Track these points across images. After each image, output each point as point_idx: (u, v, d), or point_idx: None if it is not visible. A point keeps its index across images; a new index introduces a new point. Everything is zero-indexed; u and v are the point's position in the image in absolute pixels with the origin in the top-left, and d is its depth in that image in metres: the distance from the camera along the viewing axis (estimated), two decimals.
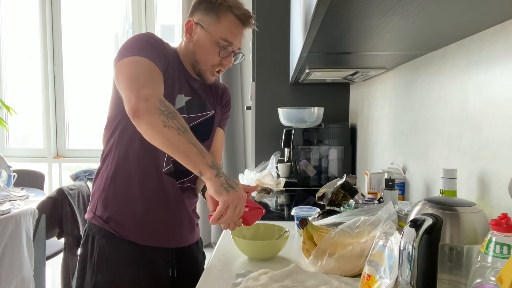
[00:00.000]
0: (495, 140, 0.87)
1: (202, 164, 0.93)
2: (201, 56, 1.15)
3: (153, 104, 0.92)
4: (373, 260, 0.84)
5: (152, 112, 0.91)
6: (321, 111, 2.13)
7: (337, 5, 0.71)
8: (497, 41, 0.87)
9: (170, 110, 0.94)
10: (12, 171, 2.47)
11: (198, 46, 1.15)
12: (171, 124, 0.91)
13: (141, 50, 1.03)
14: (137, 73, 0.98)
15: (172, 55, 1.14)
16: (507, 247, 0.59)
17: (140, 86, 0.94)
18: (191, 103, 1.18)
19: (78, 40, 3.74)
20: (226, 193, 0.92)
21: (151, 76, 1.00)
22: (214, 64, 1.16)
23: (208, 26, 1.13)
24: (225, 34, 1.13)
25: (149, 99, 0.92)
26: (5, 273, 1.98)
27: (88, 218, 1.16)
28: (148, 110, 0.92)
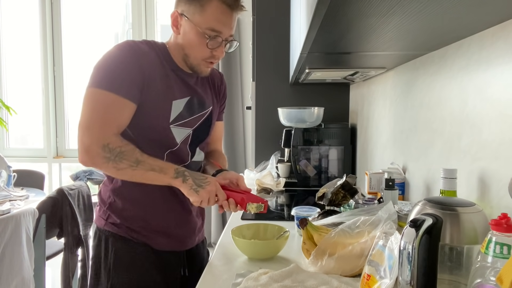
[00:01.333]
0: (495, 140, 0.87)
1: (167, 180, 1.01)
2: (190, 50, 1.08)
3: (95, 154, 0.97)
4: (373, 260, 0.84)
5: (99, 162, 0.98)
6: (321, 111, 2.13)
7: (337, 5, 0.71)
8: (497, 41, 0.87)
9: (116, 153, 0.97)
10: (12, 171, 2.47)
11: (186, 40, 1.07)
12: (122, 166, 0.98)
13: (104, 79, 1.00)
14: (87, 115, 0.99)
15: (155, 60, 1.07)
16: (507, 247, 0.59)
17: (83, 134, 0.98)
18: (191, 103, 1.14)
19: (78, 40, 3.74)
20: (195, 194, 1.01)
21: (104, 114, 0.99)
22: (205, 57, 1.09)
23: (192, 16, 1.05)
24: (212, 23, 1.04)
25: (89, 150, 0.97)
26: (5, 273, 1.98)
27: (100, 224, 1.13)
28: (93, 161, 0.98)
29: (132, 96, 1.01)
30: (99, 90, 0.99)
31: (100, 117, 0.99)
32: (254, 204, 1.06)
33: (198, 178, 1.03)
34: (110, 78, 1.00)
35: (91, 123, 0.99)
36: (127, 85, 1.01)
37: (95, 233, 1.15)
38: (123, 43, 1.05)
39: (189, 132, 1.14)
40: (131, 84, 1.01)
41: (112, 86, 0.99)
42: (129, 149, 0.99)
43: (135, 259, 1.10)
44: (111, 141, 0.98)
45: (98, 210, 1.17)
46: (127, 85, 1.01)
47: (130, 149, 0.99)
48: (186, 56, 1.10)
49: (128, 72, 1.01)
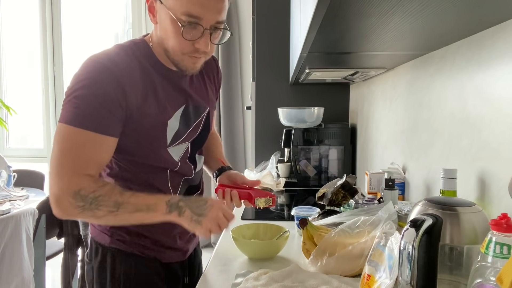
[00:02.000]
0: (495, 140, 0.87)
1: (159, 217, 0.87)
2: (168, 42, 0.89)
3: (67, 204, 0.83)
4: (373, 260, 0.84)
5: (73, 213, 0.84)
6: (321, 111, 2.13)
7: (337, 5, 0.71)
8: (497, 41, 0.87)
9: (90, 200, 0.82)
10: (12, 171, 2.47)
11: (162, 29, 0.88)
12: (100, 213, 0.83)
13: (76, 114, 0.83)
14: (56, 159, 0.84)
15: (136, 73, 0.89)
16: (507, 247, 0.59)
17: (52, 183, 0.84)
18: (186, 113, 0.99)
19: (78, 40, 3.74)
20: (198, 225, 0.87)
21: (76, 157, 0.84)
22: (187, 51, 0.88)
23: (166, 1, 0.85)
24: (187, 6, 0.82)
25: (59, 201, 0.83)
26: (5, 273, 1.98)
27: (104, 241, 1.02)
28: (67, 213, 0.84)
29: (112, 131, 0.86)
30: (71, 127, 0.83)
31: (71, 160, 0.84)
32: (262, 199, 1.05)
33: (196, 205, 0.88)
34: (84, 112, 0.83)
35: (60, 169, 0.83)
36: (106, 120, 0.84)
37: (96, 250, 1.03)
38: (95, 63, 0.85)
39: (187, 145, 1.03)
40: (111, 118, 0.85)
41: (87, 122, 0.83)
42: (105, 192, 0.84)
43: (146, 275, 1.03)
44: (83, 187, 0.83)
45: (96, 225, 1.05)
46: (106, 120, 0.84)
47: (106, 191, 0.84)
48: (166, 50, 0.91)
49: (105, 103, 0.84)
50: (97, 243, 1.04)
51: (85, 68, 0.86)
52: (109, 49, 0.91)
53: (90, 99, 0.83)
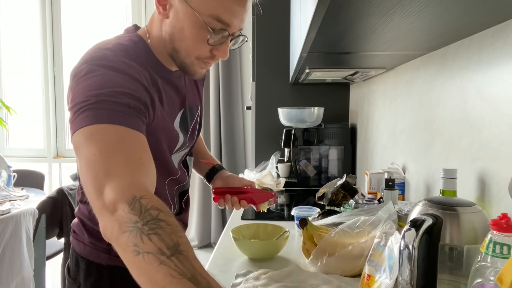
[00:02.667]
0: (495, 140, 0.87)
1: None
2: (182, 44, 0.79)
3: (121, 215, 0.57)
4: (373, 260, 0.84)
5: (122, 231, 0.56)
6: (321, 111, 2.14)
7: (337, 5, 0.71)
8: (497, 41, 0.87)
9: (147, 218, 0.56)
10: (12, 171, 2.47)
11: (177, 28, 0.78)
12: (145, 247, 0.53)
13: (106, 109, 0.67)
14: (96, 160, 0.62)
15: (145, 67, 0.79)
16: (507, 247, 0.59)
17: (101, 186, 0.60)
18: (184, 118, 0.91)
19: (78, 40, 3.74)
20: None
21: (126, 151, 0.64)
22: (203, 56, 0.81)
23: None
24: (219, 11, 0.75)
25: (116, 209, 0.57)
26: (5, 273, 1.98)
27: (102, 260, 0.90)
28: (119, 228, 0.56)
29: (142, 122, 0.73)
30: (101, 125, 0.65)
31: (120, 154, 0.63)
32: (265, 203, 1.07)
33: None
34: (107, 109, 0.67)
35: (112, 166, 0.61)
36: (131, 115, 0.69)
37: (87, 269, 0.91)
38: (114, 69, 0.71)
39: (186, 151, 0.98)
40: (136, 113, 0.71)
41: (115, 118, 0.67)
42: (172, 221, 0.57)
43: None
44: (147, 194, 0.59)
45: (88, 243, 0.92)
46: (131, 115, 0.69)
47: (173, 221, 0.57)
48: (174, 50, 0.81)
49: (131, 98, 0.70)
50: (90, 262, 0.91)
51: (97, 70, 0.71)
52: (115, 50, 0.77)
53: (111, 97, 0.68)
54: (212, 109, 3.45)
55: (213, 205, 3.53)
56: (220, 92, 3.43)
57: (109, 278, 0.91)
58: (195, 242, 3.55)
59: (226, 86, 3.41)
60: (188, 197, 1.07)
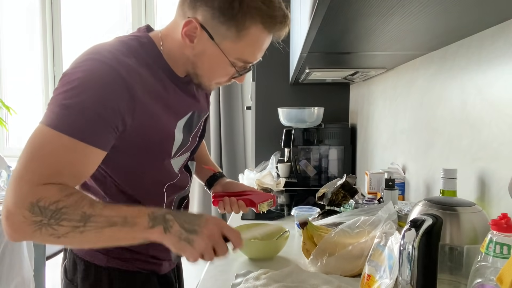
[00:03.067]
0: (495, 140, 0.87)
1: (138, 233, 0.68)
2: (205, 72, 0.84)
3: (20, 220, 0.63)
4: (373, 260, 0.84)
5: (27, 232, 0.64)
6: (321, 111, 2.13)
7: (337, 5, 0.71)
8: (497, 41, 0.87)
9: (50, 212, 0.64)
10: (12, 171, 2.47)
11: (202, 61, 0.82)
12: (62, 230, 0.64)
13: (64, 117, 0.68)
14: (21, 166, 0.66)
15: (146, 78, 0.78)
16: (507, 247, 0.59)
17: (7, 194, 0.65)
18: (190, 122, 0.91)
19: (78, 40, 3.74)
20: (189, 246, 0.70)
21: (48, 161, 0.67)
22: (221, 82, 0.88)
23: (221, 40, 0.78)
24: (246, 55, 0.81)
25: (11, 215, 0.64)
26: (5, 273, 1.98)
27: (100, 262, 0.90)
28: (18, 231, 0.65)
29: (104, 144, 0.72)
30: (53, 131, 0.68)
31: (39, 166, 0.66)
32: (265, 203, 1.07)
33: (187, 219, 0.72)
34: (76, 117, 0.68)
35: (22, 176, 0.65)
36: (100, 130, 0.70)
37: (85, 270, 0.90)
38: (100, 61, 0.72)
39: (187, 155, 0.96)
40: (106, 128, 0.71)
41: (76, 129, 0.68)
42: (71, 202, 0.66)
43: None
44: (44, 196, 0.64)
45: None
46: (100, 130, 0.70)
47: (72, 201, 0.66)
48: (195, 75, 0.85)
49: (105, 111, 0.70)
50: (87, 263, 0.90)
51: (84, 66, 0.72)
52: (112, 45, 0.78)
53: (86, 102, 0.69)
54: (212, 109, 3.45)
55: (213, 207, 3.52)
56: (220, 92, 3.43)
57: (107, 280, 0.90)
58: None
59: (226, 86, 3.41)
60: (188, 202, 1.06)
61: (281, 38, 0.85)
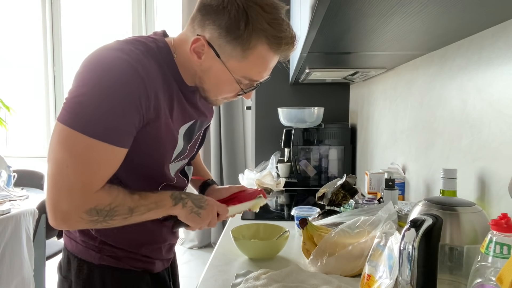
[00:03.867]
0: (495, 140, 0.87)
1: (166, 211, 0.86)
2: (212, 87, 0.87)
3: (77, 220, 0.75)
4: (373, 260, 0.84)
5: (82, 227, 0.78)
6: (321, 111, 2.14)
7: (337, 5, 0.71)
8: (497, 41, 0.87)
9: (105, 213, 0.77)
10: (12, 171, 2.47)
11: (209, 77, 0.85)
12: (113, 222, 0.79)
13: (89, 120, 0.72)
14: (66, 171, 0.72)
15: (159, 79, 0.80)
16: (507, 247, 0.59)
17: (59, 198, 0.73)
18: (191, 129, 0.93)
19: (78, 41, 3.74)
20: (197, 217, 0.90)
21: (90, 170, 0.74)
22: (228, 97, 0.91)
23: (227, 59, 0.80)
24: (251, 73, 0.83)
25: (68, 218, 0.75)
26: (5, 273, 1.98)
27: (93, 259, 0.92)
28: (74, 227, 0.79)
29: (127, 143, 0.78)
30: (81, 135, 0.71)
31: (86, 176, 0.74)
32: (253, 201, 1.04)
33: (196, 198, 0.91)
34: (101, 119, 0.72)
35: (73, 184, 0.73)
36: (124, 131, 0.75)
37: (79, 267, 0.92)
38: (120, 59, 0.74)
39: (184, 162, 0.99)
40: (129, 128, 0.76)
41: (104, 132, 0.73)
42: (120, 201, 0.78)
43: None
44: (99, 202, 0.76)
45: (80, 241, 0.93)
46: (124, 131, 0.75)
47: (120, 200, 0.78)
48: (203, 89, 0.88)
49: (127, 111, 0.74)
50: (81, 260, 0.93)
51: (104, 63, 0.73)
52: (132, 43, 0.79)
53: (109, 103, 0.72)
54: None
55: None
56: None
57: (99, 277, 0.92)
58: (195, 242, 3.55)
59: None
60: None
61: (287, 58, 0.87)
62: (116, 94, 0.72)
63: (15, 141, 3.88)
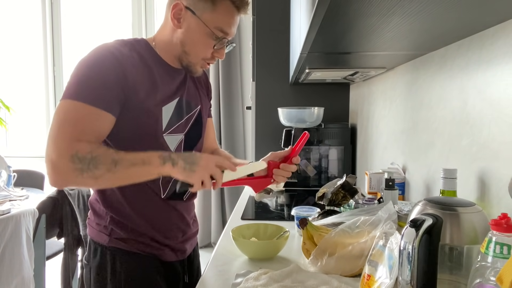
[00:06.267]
0: (495, 140, 0.87)
1: (154, 170, 0.89)
2: (192, 48, 1.01)
3: (65, 169, 0.85)
4: (373, 260, 0.84)
5: (71, 177, 0.85)
6: (321, 111, 2.14)
7: (337, 5, 0.71)
8: (497, 41, 0.87)
9: (88, 160, 0.85)
10: (12, 171, 2.47)
11: (189, 36, 0.99)
12: (98, 172, 0.85)
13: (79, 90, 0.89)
14: (55, 127, 0.88)
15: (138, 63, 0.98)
16: (507, 247, 0.59)
17: (48, 148, 0.86)
18: (179, 105, 1.06)
19: (78, 40, 3.74)
20: (192, 173, 0.90)
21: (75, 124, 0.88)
22: (206, 58, 1.03)
23: (201, 13, 0.97)
24: (222, 24, 0.98)
25: (57, 166, 0.85)
26: (5, 273, 1.98)
27: (103, 241, 1.03)
28: (65, 178, 0.86)
29: (111, 108, 0.92)
30: (72, 101, 0.89)
31: (69, 128, 0.88)
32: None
33: (187, 157, 0.92)
34: (86, 88, 0.90)
35: (59, 134, 0.87)
36: (105, 96, 0.91)
37: (94, 251, 1.04)
38: (101, 49, 0.95)
39: (181, 137, 1.07)
40: (110, 95, 0.92)
41: (88, 97, 0.89)
42: (102, 151, 0.88)
43: (147, 274, 1.04)
44: (80, 149, 0.85)
45: (94, 225, 1.06)
46: (105, 96, 0.91)
47: (102, 151, 0.88)
48: (185, 53, 1.02)
49: (107, 82, 0.91)
50: (96, 243, 1.04)
51: (89, 54, 0.94)
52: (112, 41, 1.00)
53: (92, 77, 0.90)
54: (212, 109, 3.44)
55: (213, 205, 3.53)
56: (220, 92, 3.43)
57: (110, 259, 1.02)
58: None
59: (226, 86, 3.41)
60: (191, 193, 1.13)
61: (246, 14, 1.03)
62: (97, 70, 0.91)
63: (15, 141, 3.88)
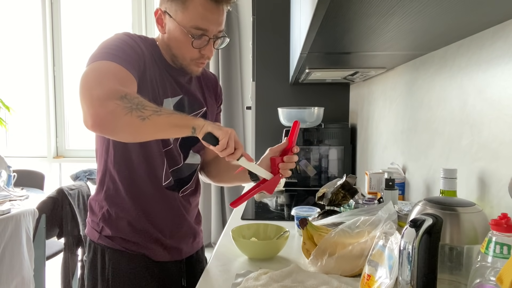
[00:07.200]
0: (495, 140, 0.87)
1: (190, 121, 0.87)
2: (177, 50, 1.03)
3: (114, 105, 0.81)
4: (373, 260, 0.84)
5: (121, 114, 0.81)
6: (321, 111, 2.13)
7: (337, 5, 0.71)
8: (497, 41, 0.87)
9: (136, 102, 0.83)
10: (12, 171, 2.47)
11: (171, 39, 1.02)
12: (147, 113, 0.83)
13: (108, 54, 0.91)
14: (93, 77, 0.87)
15: (150, 53, 1.02)
16: (507, 247, 0.59)
17: (92, 89, 0.83)
18: (180, 103, 1.08)
19: (78, 40, 3.74)
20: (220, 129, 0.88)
21: (112, 77, 0.87)
22: (194, 58, 1.03)
23: (175, 14, 0.98)
24: (196, 21, 0.97)
25: (105, 102, 0.81)
26: (5, 273, 1.98)
27: (93, 237, 1.07)
28: (113, 113, 0.81)
29: (134, 73, 0.93)
30: (102, 61, 0.89)
31: (112, 75, 0.87)
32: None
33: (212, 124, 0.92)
34: (114, 52, 0.91)
35: (103, 79, 0.85)
36: (130, 62, 0.93)
37: (89, 246, 1.09)
38: (121, 33, 1.00)
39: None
40: (133, 62, 0.94)
41: (116, 58, 0.90)
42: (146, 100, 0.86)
43: (135, 272, 1.05)
44: (128, 92, 0.84)
45: (89, 221, 1.10)
46: (130, 62, 0.93)
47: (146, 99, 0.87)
48: (174, 56, 1.04)
49: (129, 52, 0.94)
50: (90, 240, 1.09)
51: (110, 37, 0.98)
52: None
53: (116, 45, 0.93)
54: None
55: (213, 205, 3.53)
56: None
57: (100, 256, 1.06)
58: None
59: (226, 86, 3.41)
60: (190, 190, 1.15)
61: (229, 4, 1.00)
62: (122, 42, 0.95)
63: (15, 141, 3.88)
